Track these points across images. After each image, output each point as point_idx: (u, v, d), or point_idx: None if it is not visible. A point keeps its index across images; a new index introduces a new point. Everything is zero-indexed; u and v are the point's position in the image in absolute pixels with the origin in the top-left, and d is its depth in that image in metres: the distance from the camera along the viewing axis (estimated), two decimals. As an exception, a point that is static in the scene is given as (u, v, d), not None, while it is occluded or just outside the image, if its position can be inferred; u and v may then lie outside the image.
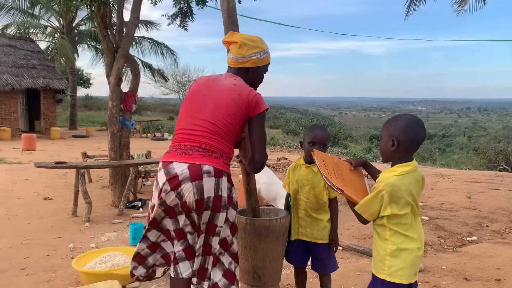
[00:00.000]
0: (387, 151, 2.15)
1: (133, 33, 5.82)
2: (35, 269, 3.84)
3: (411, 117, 2.15)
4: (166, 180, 2.28)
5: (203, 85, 2.46)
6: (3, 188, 7.23)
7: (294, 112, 73.51)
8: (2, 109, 17.35)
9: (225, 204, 2.32)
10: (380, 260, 2.11)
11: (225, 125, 2.35)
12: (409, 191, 2.04)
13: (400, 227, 2.05)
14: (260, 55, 2.52)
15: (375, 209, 2.07)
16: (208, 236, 2.36)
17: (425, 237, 4.98)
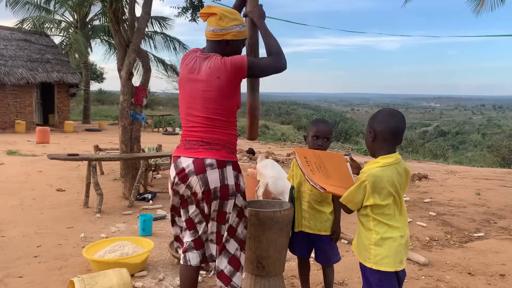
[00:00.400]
0: (368, 143, 2.27)
1: (144, 28, 5.90)
2: (47, 257, 3.95)
3: (387, 109, 2.25)
4: (176, 174, 2.47)
5: (185, 80, 2.51)
6: (18, 180, 7.40)
7: (306, 108, 73.34)
8: (17, 102, 17.64)
9: (233, 192, 2.46)
10: (365, 250, 2.19)
11: (219, 114, 2.43)
12: (391, 182, 2.11)
13: (383, 217, 2.13)
14: (240, 27, 2.51)
15: (358, 199, 2.15)
16: (220, 225, 2.50)
17: (432, 233, 5.06)
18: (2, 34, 18.64)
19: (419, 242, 4.79)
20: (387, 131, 2.15)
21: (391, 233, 2.12)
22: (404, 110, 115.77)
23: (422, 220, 5.58)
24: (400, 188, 2.16)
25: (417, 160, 15.60)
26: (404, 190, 2.23)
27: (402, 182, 2.17)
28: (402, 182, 2.17)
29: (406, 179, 2.22)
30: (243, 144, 17.34)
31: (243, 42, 2.61)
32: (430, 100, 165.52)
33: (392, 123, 2.15)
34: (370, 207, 2.13)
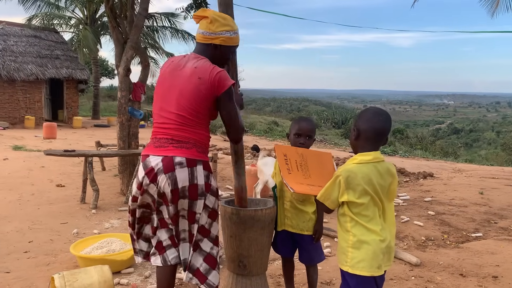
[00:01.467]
0: (351, 141, 2.23)
1: (141, 25, 5.89)
2: (37, 253, 3.97)
3: (374, 108, 2.19)
4: (145, 173, 2.41)
5: (168, 74, 2.47)
6: (19, 175, 7.47)
7: (318, 105, 73.08)
8: (27, 98, 17.85)
9: (202, 192, 2.40)
10: (343, 252, 2.14)
11: (192, 113, 2.39)
12: (367, 180, 2.05)
13: (361, 218, 2.07)
14: (230, 34, 2.46)
15: (334, 196, 2.10)
16: (190, 225, 2.45)
17: (428, 232, 4.98)
18: (13, 31, 18.85)
19: (414, 241, 4.71)
20: (370, 130, 2.10)
21: (369, 236, 2.06)
22: (417, 107, 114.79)
23: (420, 219, 5.50)
24: (382, 190, 2.09)
25: (425, 158, 15.40)
26: (391, 194, 2.15)
27: (384, 183, 2.10)
28: (384, 184, 2.10)
29: (392, 182, 2.14)
30: (249, 140, 17.34)
31: (232, 49, 2.57)
32: (444, 97, 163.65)
33: (377, 123, 2.10)
34: (347, 205, 2.08)
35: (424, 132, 40.29)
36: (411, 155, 16.07)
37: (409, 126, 53.16)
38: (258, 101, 77.85)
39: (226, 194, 6.49)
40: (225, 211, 2.87)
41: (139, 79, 6.48)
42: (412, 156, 15.87)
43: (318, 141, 20.98)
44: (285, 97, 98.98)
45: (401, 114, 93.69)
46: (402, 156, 15.41)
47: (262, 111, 52.12)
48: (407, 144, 24.09)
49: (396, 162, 11.65)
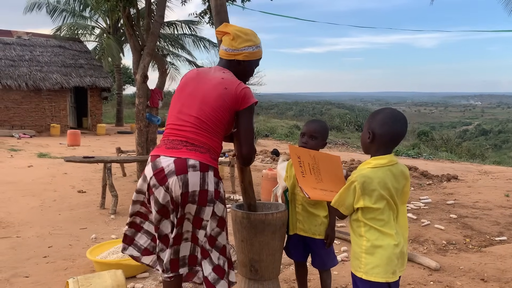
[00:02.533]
0: (364, 143, 2.15)
1: (158, 32, 5.97)
2: (56, 258, 4.04)
3: (391, 111, 2.11)
4: (153, 174, 2.33)
5: (192, 80, 2.48)
6: (43, 181, 7.65)
7: (341, 108, 72.52)
8: (52, 106, 18.31)
9: (212, 198, 2.36)
10: (356, 258, 2.07)
11: (211, 120, 2.36)
12: (383, 184, 1.99)
13: (375, 222, 2.01)
14: (253, 49, 2.50)
15: (349, 202, 2.04)
16: (195, 229, 2.41)
17: (449, 236, 4.85)
18: (39, 41, 19.41)
19: (434, 245, 4.60)
20: (387, 136, 2.04)
21: (383, 241, 2.00)
22: (443, 109, 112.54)
23: (441, 223, 5.36)
24: (396, 193, 2.04)
25: (450, 160, 15.07)
26: (404, 196, 2.10)
27: (398, 186, 2.05)
28: (398, 187, 2.05)
29: (406, 184, 2.09)
30: (269, 144, 17.31)
31: (255, 63, 2.59)
32: (471, 98, 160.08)
33: (395, 128, 2.04)
34: (361, 210, 2.02)
35: (450, 134, 39.45)
36: (436, 157, 15.75)
37: (435, 128, 52.16)
38: (280, 105, 77.69)
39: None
40: (235, 215, 2.86)
41: (157, 86, 6.57)
42: (437, 158, 15.55)
43: (340, 144, 20.78)
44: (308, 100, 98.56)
45: (427, 116, 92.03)
46: (426, 158, 15.11)
47: (284, 115, 52.00)
48: (432, 146, 23.64)
49: (419, 164, 11.43)
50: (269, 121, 31.10)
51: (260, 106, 61.75)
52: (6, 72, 17.16)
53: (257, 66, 2.65)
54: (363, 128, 2.19)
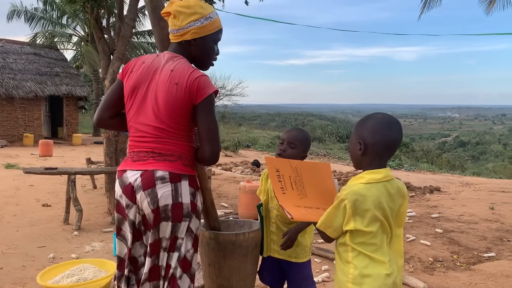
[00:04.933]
0: (355, 156, 1.81)
1: (129, 35, 5.61)
2: (4, 281, 3.62)
3: (382, 115, 1.78)
4: (122, 192, 2.03)
5: (141, 79, 2.05)
6: (5, 194, 7.14)
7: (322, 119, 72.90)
8: (26, 115, 17.66)
9: (188, 212, 2.01)
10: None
11: (172, 126, 2.00)
12: (377, 204, 1.67)
13: (365, 247, 1.68)
14: (201, 22, 2.04)
15: (338, 223, 1.71)
16: (169, 253, 2.03)
17: (436, 253, 4.56)
18: (12, 48, 18.76)
19: (421, 263, 4.32)
20: (381, 145, 1.73)
21: (374, 269, 1.67)
22: (422, 121, 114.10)
23: (427, 238, 5.09)
24: (391, 214, 1.72)
25: (431, 171, 14.97)
26: (400, 218, 1.78)
27: (394, 206, 1.73)
28: (394, 207, 1.73)
29: (402, 203, 1.77)
30: (251, 155, 16.99)
31: (213, 38, 2.11)
32: (449, 110, 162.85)
33: (389, 135, 1.73)
34: (350, 233, 1.70)
35: (430, 145, 39.80)
36: (417, 169, 15.65)
37: (414, 140, 52.62)
38: (262, 116, 77.66)
39: (221, 212, 6.12)
40: (202, 236, 2.51)
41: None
42: (418, 169, 15.46)
43: (322, 155, 20.60)
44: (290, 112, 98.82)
45: (406, 127, 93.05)
46: (407, 170, 14.99)
47: (267, 126, 51.85)
48: (412, 158, 23.67)
49: (401, 176, 11.24)
50: (251, 132, 30.86)
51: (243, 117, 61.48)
52: (-23, 79, 16.50)
53: (217, 41, 2.17)
54: (350, 139, 1.86)
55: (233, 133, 25.71)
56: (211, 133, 2.00)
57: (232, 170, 11.29)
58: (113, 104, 2.17)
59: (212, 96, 2.00)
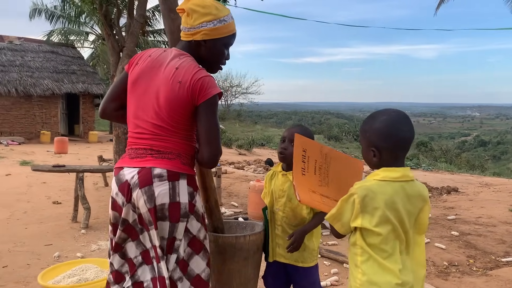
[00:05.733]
0: (369, 161, 1.69)
1: (138, 32, 5.57)
2: (8, 280, 3.59)
3: (387, 116, 1.65)
4: (118, 189, 1.95)
5: (144, 74, 1.98)
6: (18, 191, 7.18)
7: (340, 118, 72.37)
8: (43, 113, 17.88)
9: (186, 212, 1.92)
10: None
11: (172, 124, 1.91)
12: (390, 204, 1.55)
13: (377, 252, 1.57)
14: (213, 24, 1.97)
15: (346, 218, 1.61)
16: (167, 255, 1.92)
17: (451, 256, 4.39)
18: (30, 47, 19.05)
19: (435, 267, 4.15)
20: (396, 147, 1.62)
21: (382, 277, 1.55)
22: (442, 119, 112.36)
23: (442, 241, 4.91)
24: (408, 218, 1.59)
25: (450, 171, 14.64)
26: (420, 224, 1.64)
27: (412, 210, 1.60)
28: (412, 210, 1.60)
29: (423, 208, 1.63)
30: (264, 153, 16.88)
31: (223, 42, 2.04)
32: (469, 109, 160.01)
33: (402, 136, 1.62)
34: (360, 232, 1.59)
35: (449, 144, 39.09)
36: (435, 168, 15.33)
37: (433, 139, 51.86)
38: (279, 114, 77.50)
39: (230, 212, 6.03)
40: (200, 238, 2.42)
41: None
42: (436, 169, 15.13)
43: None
44: (307, 110, 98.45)
45: (425, 126, 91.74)
46: (425, 169, 14.69)
47: (283, 124, 51.69)
48: (431, 157, 23.25)
49: (418, 176, 11.00)
50: (267, 130, 30.76)
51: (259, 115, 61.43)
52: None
53: (228, 46, 2.09)
54: (361, 143, 1.73)
55: (248, 132, 25.65)
56: (211, 135, 1.93)
57: (245, 168, 11.20)
58: (118, 96, 2.11)
59: (216, 97, 1.92)
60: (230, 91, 42.00)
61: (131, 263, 2.01)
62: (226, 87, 41.67)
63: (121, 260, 2.02)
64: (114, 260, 2.03)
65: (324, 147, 1.92)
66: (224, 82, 41.69)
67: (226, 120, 33.86)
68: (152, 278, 1.96)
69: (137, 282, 2.00)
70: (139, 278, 1.99)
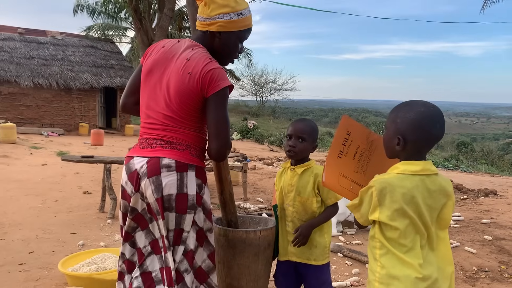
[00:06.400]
0: (390, 148, 1.64)
1: (167, 25, 5.61)
2: (32, 266, 3.68)
3: (425, 109, 1.57)
4: (128, 179, 1.97)
5: (157, 65, 1.98)
6: (51, 181, 7.42)
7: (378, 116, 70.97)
8: (82, 106, 18.44)
9: (193, 204, 1.92)
10: (369, 287, 1.61)
11: (182, 116, 1.91)
12: (409, 198, 1.50)
13: (395, 246, 1.53)
14: (230, 16, 1.95)
15: (365, 210, 1.59)
16: (174, 246, 1.93)
17: (482, 262, 4.18)
18: (72, 41, 19.66)
19: (463, 272, 3.96)
20: (423, 142, 1.57)
21: (402, 271, 1.51)
22: (485, 120, 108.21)
23: (473, 245, 4.69)
24: (429, 213, 1.54)
25: (490, 173, 14.05)
26: (442, 220, 1.59)
27: (434, 205, 1.54)
28: (433, 205, 1.54)
29: (446, 203, 1.57)
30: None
31: (238, 36, 2.02)
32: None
33: (433, 133, 1.56)
34: (379, 225, 1.56)
35: (492, 146, 37.57)
36: (474, 170, 14.76)
37: (476, 140, 49.94)
38: (315, 111, 76.80)
39: (255, 207, 5.99)
40: (212, 231, 2.39)
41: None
42: (475, 171, 14.56)
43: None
44: (344, 107, 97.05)
45: (468, 126, 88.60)
46: (463, 171, 14.16)
47: (319, 122, 51.15)
48: (471, 158, 22.41)
49: (455, 177, 10.62)
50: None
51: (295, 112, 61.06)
52: (39, 71, 17.42)
53: (243, 40, 2.07)
54: (386, 127, 1.68)
55: (282, 128, 25.53)
56: (219, 128, 1.91)
57: (274, 165, 11.15)
58: (136, 89, 2.11)
59: (225, 90, 1.90)
60: (265, 87, 41.96)
61: (140, 253, 2.02)
62: (261, 83, 41.67)
63: (132, 249, 2.04)
64: (125, 250, 2.04)
65: (373, 134, 1.87)
66: (260, 78, 41.71)
67: (260, 116, 33.85)
68: (160, 268, 1.97)
69: (146, 271, 2.01)
70: (148, 267, 2.00)
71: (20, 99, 17.09)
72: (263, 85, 41.96)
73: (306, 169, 2.32)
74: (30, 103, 17.28)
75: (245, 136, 21.42)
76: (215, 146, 1.91)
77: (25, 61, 17.57)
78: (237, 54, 2.10)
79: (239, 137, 21.15)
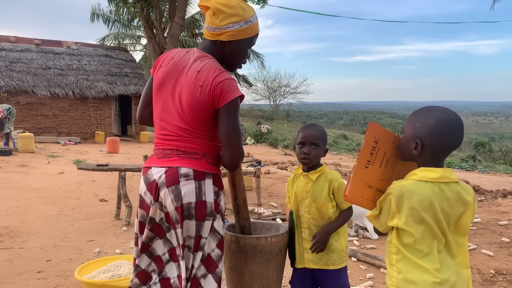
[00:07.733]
0: (407, 152, 1.65)
1: (178, 34, 5.67)
2: (50, 273, 3.75)
3: (446, 115, 1.58)
4: (147, 189, 2.01)
5: (169, 77, 2.02)
6: (68, 189, 7.54)
7: (393, 117, 70.31)
8: (97, 114, 18.68)
9: (212, 211, 1.96)
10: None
11: (196, 127, 1.96)
12: (427, 205, 1.51)
13: (411, 252, 1.55)
14: (240, 25, 1.99)
15: (384, 218, 1.62)
16: (193, 253, 1.97)
17: (499, 264, 4.12)
18: (86, 51, 19.97)
19: (480, 275, 3.91)
20: (442, 148, 1.58)
21: (418, 275, 1.52)
22: (504, 119, 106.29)
23: (490, 248, 4.63)
24: (447, 220, 1.54)
25: (509, 174, 13.81)
26: (460, 227, 1.59)
27: (452, 213, 1.55)
28: (451, 213, 1.55)
29: (465, 212, 1.57)
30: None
31: (247, 43, 2.07)
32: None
33: (452, 140, 1.57)
34: (396, 231, 1.59)
35: (511, 145, 36.89)
36: (493, 171, 14.51)
37: (494, 139, 49.13)
38: (329, 114, 76.53)
39: (269, 212, 6.00)
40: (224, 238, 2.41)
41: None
42: (494, 171, 14.32)
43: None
44: (358, 109, 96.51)
45: (486, 126, 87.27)
46: (481, 171, 13.94)
47: (333, 124, 50.92)
48: (489, 158, 22.05)
49: (472, 178, 10.47)
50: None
51: (309, 115, 60.95)
52: (55, 80, 17.72)
53: (251, 46, 2.12)
54: (404, 131, 1.69)
55: (296, 132, 25.51)
56: (231, 139, 1.95)
57: (288, 169, 11.14)
58: (150, 101, 2.15)
59: (236, 100, 1.94)
60: (278, 91, 42.02)
61: (159, 260, 2.06)
62: (274, 87, 41.74)
63: (148, 260, 2.07)
64: (141, 261, 2.08)
65: (399, 138, 1.82)
66: (273, 82, 41.80)
67: (274, 120, 33.84)
68: (178, 275, 2.01)
69: (164, 278, 2.05)
70: (166, 274, 2.05)
71: (38, 109, 17.41)
72: (276, 89, 42.03)
73: (320, 175, 2.34)
74: (47, 113, 17.58)
75: (259, 140, 21.45)
76: (228, 156, 1.97)
77: (42, 72, 17.91)
78: (245, 60, 2.16)
79: (253, 141, 21.19)
